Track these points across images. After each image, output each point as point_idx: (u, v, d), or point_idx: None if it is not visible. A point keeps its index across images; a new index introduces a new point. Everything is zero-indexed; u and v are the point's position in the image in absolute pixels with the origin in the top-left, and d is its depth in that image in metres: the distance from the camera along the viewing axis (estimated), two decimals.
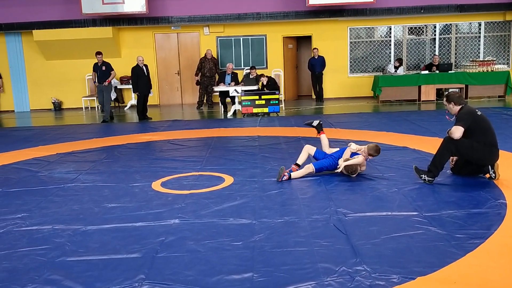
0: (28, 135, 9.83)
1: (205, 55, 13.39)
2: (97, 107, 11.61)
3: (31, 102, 14.98)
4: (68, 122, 11.96)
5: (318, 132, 6.26)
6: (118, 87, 14.35)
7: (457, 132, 5.00)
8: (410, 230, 3.86)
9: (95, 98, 13.88)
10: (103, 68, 11.56)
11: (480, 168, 5.30)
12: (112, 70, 11.68)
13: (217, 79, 13.07)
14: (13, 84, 14.78)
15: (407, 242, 3.63)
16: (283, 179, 5.48)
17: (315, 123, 6.32)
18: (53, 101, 14.73)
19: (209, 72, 13.25)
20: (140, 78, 11.54)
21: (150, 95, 11.95)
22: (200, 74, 13.33)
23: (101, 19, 13.47)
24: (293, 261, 3.37)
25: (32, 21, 13.59)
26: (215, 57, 13.94)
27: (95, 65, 11.66)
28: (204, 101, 13.66)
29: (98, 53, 11.59)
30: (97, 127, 10.71)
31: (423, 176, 5.23)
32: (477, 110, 5.19)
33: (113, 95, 14.28)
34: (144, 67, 11.62)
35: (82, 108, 14.19)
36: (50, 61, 14.54)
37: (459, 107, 5.23)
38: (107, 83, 11.55)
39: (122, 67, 14.60)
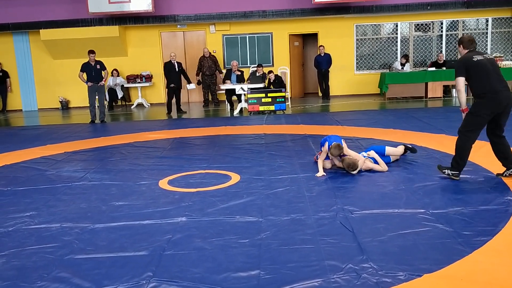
0: (36, 134, 9.90)
1: (203, 53, 13.39)
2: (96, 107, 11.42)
3: (39, 101, 15.10)
4: (76, 121, 12.03)
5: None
6: (124, 85, 14.41)
7: (457, 84, 4.96)
8: (416, 227, 3.85)
9: None
10: (98, 67, 11.06)
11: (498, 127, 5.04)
12: (105, 69, 11.30)
13: (222, 77, 13.10)
14: (20, 84, 14.90)
15: (413, 240, 3.62)
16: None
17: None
18: (60, 100, 14.83)
19: (209, 71, 13.22)
20: (170, 73, 11.99)
21: (190, 88, 12.47)
22: (201, 73, 13.35)
23: (108, 18, 13.53)
24: (300, 259, 3.38)
25: (39, 21, 13.69)
26: (215, 55, 13.89)
27: (87, 64, 11.02)
28: (210, 99, 13.69)
29: (91, 51, 11.05)
30: (105, 126, 10.77)
31: (446, 171, 5.16)
32: (474, 57, 4.94)
33: (120, 94, 14.36)
34: (175, 63, 12.00)
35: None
36: (57, 60, 14.64)
37: (466, 51, 5.05)
38: (103, 83, 11.23)
39: (128, 66, 14.69)
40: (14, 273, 3.35)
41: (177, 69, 12.03)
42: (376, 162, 5.70)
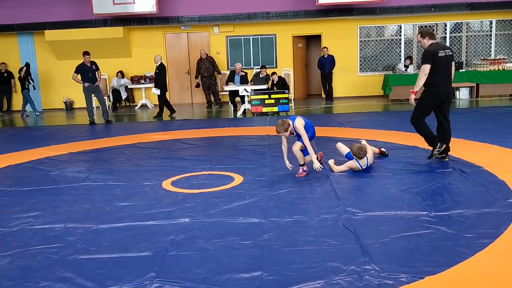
0: (40, 134, 9.95)
1: (200, 55, 13.43)
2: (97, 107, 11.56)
3: (43, 101, 15.15)
4: (80, 121, 12.07)
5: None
6: (129, 86, 14.45)
7: (424, 69, 5.73)
8: (419, 230, 3.86)
9: (106, 97, 13.98)
10: (93, 67, 11.12)
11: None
12: (99, 69, 11.39)
13: (221, 77, 13.14)
14: None
15: (416, 242, 3.63)
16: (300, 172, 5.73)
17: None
18: (64, 101, 14.88)
19: (206, 72, 13.25)
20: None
21: (154, 93, 12.14)
22: (200, 76, 13.38)
23: (112, 19, 13.56)
24: (302, 260, 3.39)
25: (44, 22, 13.73)
26: (213, 56, 13.90)
27: (82, 66, 11.02)
28: (212, 100, 13.72)
29: (87, 53, 11.08)
30: (108, 127, 10.81)
31: (433, 153, 5.99)
32: (440, 52, 5.75)
33: (124, 95, 14.40)
34: (156, 66, 11.96)
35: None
36: (61, 61, 14.68)
37: (431, 41, 5.87)
38: (99, 83, 11.27)
39: (132, 67, 14.72)
40: (19, 273, 3.38)
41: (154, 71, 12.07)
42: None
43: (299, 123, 5.68)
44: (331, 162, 5.95)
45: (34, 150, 8.11)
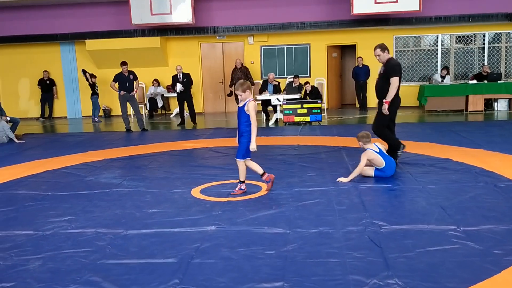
0: (79, 140, 10.27)
1: (235, 65, 13.56)
2: (132, 115, 11.76)
3: (83, 108, 15.63)
4: (117, 128, 12.38)
5: None
6: (165, 95, 14.75)
7: (397, 82, 6.30)
8: (446, 245, 3.79)
9: (143, 105, 14.32)
10: (131, 77, 11.39)
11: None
12: (137, 78, 11.62)
13: (253, 88, 13.21)
14: (66, 92, 15.49)
15: (441, 257, 3.57)
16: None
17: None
18: (103, 108, 15.30)
19: None
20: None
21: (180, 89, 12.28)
22: (233, 85, 13.52)
23: (150, 29, 13.91)
24: (325, 272, 3.39)
25: (85, 31, 14.21)
26: (247, 66, 14.01)
27: (120, 75, 11.39)
28: None
29: (124, 63, 11.39)
30: (143, 134, 11.05)
31: (398, 154, 6.56)
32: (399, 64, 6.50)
33: (160, 103, 14.70)
34: (180, 76, 12.24)
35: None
36: (101, 69, 15.13)
37: (388, 55, 6.46)
38: (135, 92, 11.54)
39: (169, 76, 14.98)
40: (49, 276, 3.51)
41: (181, 80, 12.23)
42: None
43: (252, 106, 5.32)
44: (342, 179, 5.88)
45: (71, 156, 8.38)
